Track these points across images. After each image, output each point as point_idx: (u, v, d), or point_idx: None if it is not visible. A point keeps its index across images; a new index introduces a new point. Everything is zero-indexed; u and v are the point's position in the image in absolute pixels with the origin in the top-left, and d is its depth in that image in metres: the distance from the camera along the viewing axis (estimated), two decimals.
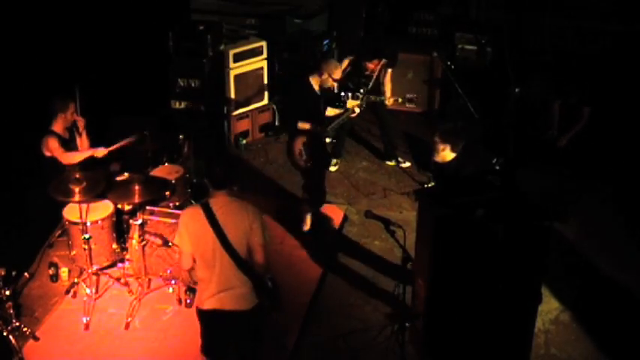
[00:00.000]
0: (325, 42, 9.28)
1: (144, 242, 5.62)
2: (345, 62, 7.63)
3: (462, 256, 4.72)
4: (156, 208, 5.94)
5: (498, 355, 5.01)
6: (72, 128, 6.15)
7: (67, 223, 5.79)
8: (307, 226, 6.77)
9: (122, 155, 6.39)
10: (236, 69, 8.42)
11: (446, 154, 5.43)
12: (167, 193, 5.90)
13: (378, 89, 7.75)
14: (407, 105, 7.71)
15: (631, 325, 5.68)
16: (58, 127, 6.01)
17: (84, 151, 6.08)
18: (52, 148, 5.92)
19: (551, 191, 6.88)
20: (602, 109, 7.77)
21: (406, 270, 4.76)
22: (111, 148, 6.12)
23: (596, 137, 7.73)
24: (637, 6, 8.96)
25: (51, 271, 5.94)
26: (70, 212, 5.75)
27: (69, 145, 6.09)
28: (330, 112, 6.75)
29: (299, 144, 6.34)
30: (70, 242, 5.83)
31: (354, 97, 7.42)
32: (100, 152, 6.09)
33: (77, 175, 5.48)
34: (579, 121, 7.27)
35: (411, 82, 9.40)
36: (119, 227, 5.93)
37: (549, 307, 5.78)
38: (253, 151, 8.62)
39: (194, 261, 4.26)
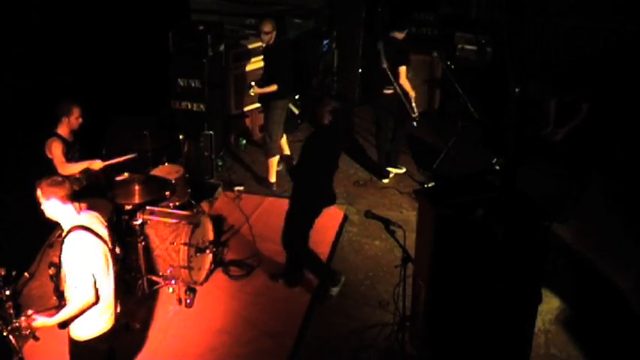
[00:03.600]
0: (325, 42, 9.28)
1: (144, 242, 5.62)
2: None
3: (462, 256, 4.72)
4: (156, 208, 5.95)
5: (498, 354, 5.01)
6: (77, 132, 6.13)
7: None
8: None
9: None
10: (236, 69, 8.42)
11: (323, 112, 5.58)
12: (167, 193, 5.90)
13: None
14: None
15: (631, 325, 5.69)
16: (62, 130, 6.00)
17: (80, 163, 6.05)
18: (55, 153, 5.91)
19: (551, 191, 6.88)
20: (601, 108, 7.76)
21: (406, 270, 4.76)
22: (107, 163, 6.10)
23: (596, 137, 7.72)
24: (635, 6, 8.96)
25: (51, 271, 5.91)
26: None
27: (73, 148, 6.07)
28: None
29: None
30: None
31: None
32: (96, 165, 6.07)
33: (77, 175, 5.49)
34: (577, 116, 7.29)
35: (410, 82, 9.40)
36: (119, 227, 5.93)
37: (549, 307, 5.78)
38: (253, 151, 8.63)
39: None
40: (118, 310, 4.28)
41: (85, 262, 3.93)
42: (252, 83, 7.47)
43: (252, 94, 7.63)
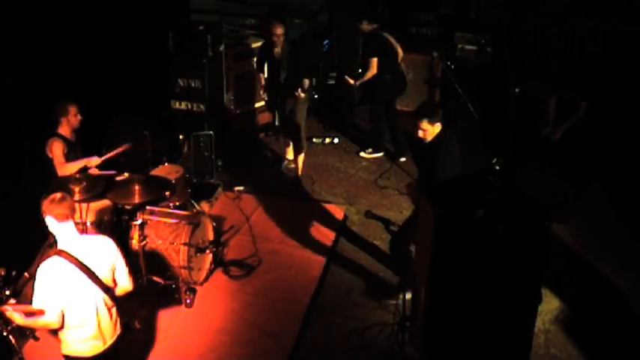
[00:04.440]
0: (325, 42, 9.28)
1: (144, 242, 5.62)
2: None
3: (462, 256, 4.71)
4: (156, 208, 5.95)
5: (498, 355, 5.00)
6: (79, 131, 6.11)
7: None
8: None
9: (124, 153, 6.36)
10: (236, 69, 8.42)
11: (426, 128, 5.40)
12: (167, 193, 5.90)
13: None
14: None
15: (630, 325, 5.69)
16: (63, 130, 5.98)
17: (78, 162, 6.04)
18: (55, 153, 5.89)
19: (551, 191, 6.88)
20: (601, 108, 7.77)
21: (406, 270, 4.76)
22: (105, 157, 6.09)
23: (596, 137, 7.73)
24: (634, 6, 8.98)
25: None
26: None
27: (75, 148, 6.06)
28: None
29: None
30: None
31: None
32: (94, 162, 6.06)
33: (77, 175, 5.49)
34: (575, 115, 7.31)
35: (410, 82, 9.40)
36: (119, 227, 5.93)
37: (549, 307, 5.78)
38: (253, 151, 8.63)
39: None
40: (109, 342, 4.22)
41: (52, 290, 3.94)
42: (300, 90, 7.35)
43: (303, 95, 7.46)
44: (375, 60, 7.93)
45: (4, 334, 4.99)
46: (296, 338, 5.49)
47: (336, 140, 8.81)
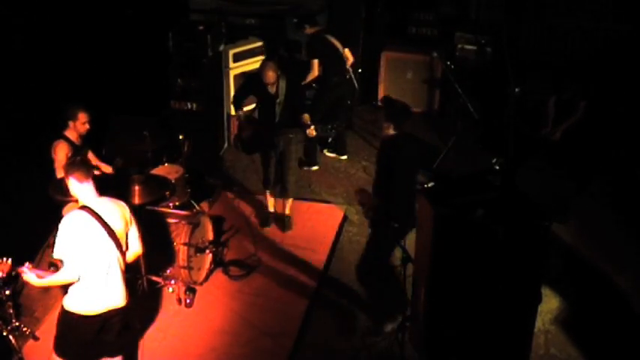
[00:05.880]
0: None
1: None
2: None
3: (462, 256, 4.71)
4: (156, 208, 5.94)
5: (498, 355, 5.01)
6: (85, 136, 6.09)
7: None
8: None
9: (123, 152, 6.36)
10: (236, 69, 8.42)
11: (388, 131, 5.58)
12: (167, 193, 5.90)
13: None
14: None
15: (630, 325, 5.69)
16: (70, 133, 5.96)
17: None
18: (58, 156, 5.86)
19: (551, 191, 6.88)
20: (599, 107, 7.78)
21: (406, 270, 4.77)
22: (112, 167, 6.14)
23: (595, 137, 7.73)
24: (632, 6, 8.98)
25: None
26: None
27: (80, 152, 6.05)
28: None
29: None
30: None
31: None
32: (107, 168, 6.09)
33: None
34: (574, 114, 7.31)
35: (410, 82, 9.41)
36: None
37: (549, 307, 5.78)
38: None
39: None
40: (116, 306, 4.32)
41: (73, 241, 4.12)
42: (313, 127, 6.33)
43: (314, 132, 6.39)
44: (316, 62, 7.83)
45: (4, 334, 5.00)
46: (296, 338, 5.49)
47: None
